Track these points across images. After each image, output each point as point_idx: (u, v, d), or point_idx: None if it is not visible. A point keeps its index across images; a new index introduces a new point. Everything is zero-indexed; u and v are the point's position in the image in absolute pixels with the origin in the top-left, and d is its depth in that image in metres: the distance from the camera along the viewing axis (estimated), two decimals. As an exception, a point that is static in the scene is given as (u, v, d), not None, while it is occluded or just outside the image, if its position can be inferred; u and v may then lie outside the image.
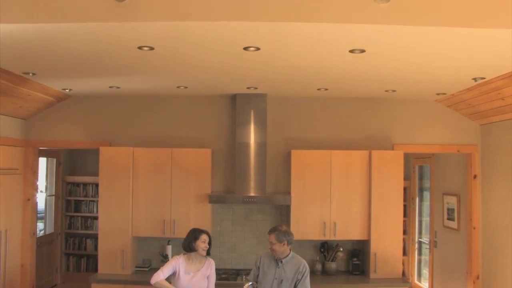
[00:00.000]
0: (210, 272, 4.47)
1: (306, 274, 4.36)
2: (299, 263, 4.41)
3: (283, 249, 4.37)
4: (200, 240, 4.38)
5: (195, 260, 4.44)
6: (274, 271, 4.41)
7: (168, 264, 4.41)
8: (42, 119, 6.30)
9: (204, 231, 4.46)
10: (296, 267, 4.38)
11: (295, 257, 4.48)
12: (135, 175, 5.86)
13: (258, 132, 5.89)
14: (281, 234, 4.34)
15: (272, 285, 4.38)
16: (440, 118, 6.23)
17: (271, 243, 4.35)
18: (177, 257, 4.46)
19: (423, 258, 8.25)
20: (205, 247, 4.40)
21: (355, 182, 5.84)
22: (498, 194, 5.76)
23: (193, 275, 4.38)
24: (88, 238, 8.85)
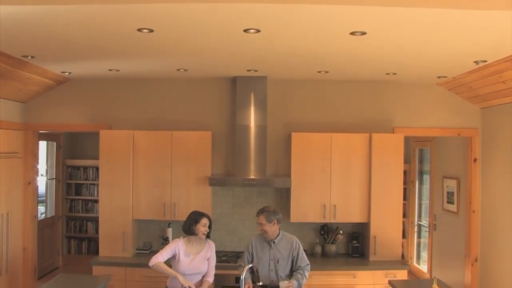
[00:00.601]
0: (210, 254, 4.48)
1: (300, 250, 4.51)
2: (291, 241, 4.53)
3: (273, 229, 4.48)
4: (200, 224, 4.38)
5: (195, 243, 4.45)
6: (268, 253, 4.50)
7: (167, 247, 4.41)
8: (41, 103, 6.29)
9: (204, 215, 4.45)
10: (289, 245, 4.50)
11: (285, 235, 4.59)
12: (135, 158, 5.87)
13: (258, 115, 5.88)
14: (270, 214, 4.45)
15: (269, 267, 4.47)
16: (441, 102, 6.22)
17: (261, 224, 4.46)
18: (177, 240, 4.47)
19: (422, 241, 8.30)
20: (205, 231, 4.40)
21: (355, 165, 5.85)
22: (498, 178, 5.77)
23: (193, 258, 4.39)
24: (89, 221, 8.91)
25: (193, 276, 4.36)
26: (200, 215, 4.42)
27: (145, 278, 5.50)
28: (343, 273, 5.59)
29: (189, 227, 4.40)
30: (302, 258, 4.51)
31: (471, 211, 6.19)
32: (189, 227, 4.40)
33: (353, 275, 5.61)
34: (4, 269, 5.87)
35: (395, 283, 4.55)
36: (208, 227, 4.44)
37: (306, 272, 4.47)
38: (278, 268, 4.47)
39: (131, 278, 5.58)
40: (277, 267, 4.47)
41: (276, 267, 4.47)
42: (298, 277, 4.38)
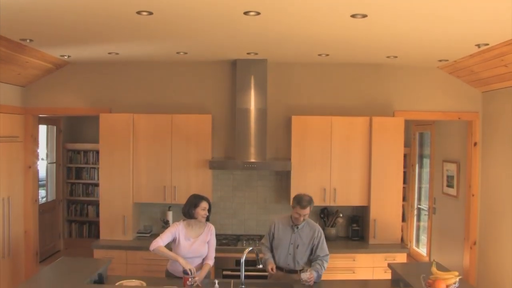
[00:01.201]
0: (210, 237, 4.48)
1: (322, 239, 4.47)
2: (314, 229, 4.50)
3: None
4: (199, 207, 4.37)
5: (195, 226, 4.46)
6: (289, 236, 4.49)
7: (167, 231, 4.41)
8: (41, 87, 6.27)
9: (204, 198, 4.44)
10: (311, 232, 4.47)
11: (309, 222, 4.56)
12: (136, 142, 5.86)
13: (259, 98, 5.86)
14: (311, 202, 4.44)
15: (288, 250, 4.47)
16: (442, 85, 6.20)
17: (305, 215, 4.40)
18: (176, 223, 4.47)
19: (421, 224, 8.34)
20: (204, 215, 4.39)
21: (356, 148, 5.85)
22: (498, 162, 5.77)
23: (193, 241, 4.40)
24: (90, 205, 8.94)
25: (194, 259, 4.37)
26: (199, 199, 4.41)
27: (145, 261, 5.54)
28: (343, 256, 5.63)
29: (189, 210, 4.40)
30: (322, 248, 4.45)
31: (471, 195, 6.20)
32: (189, 211, 4.40)
33: (353, 258, 5.64)
34: (6, 252, 5.90)
35: (394, 266, 4.57)
36: (208, 210, 4.44)
37: (325, 263, 4.42)
38: (296, 253, 4.45)
39: (131, 261, 5.61)
40: (296, 252, 4.45)
41: (295, 252, 4.45)
42: (317, 268, 4.32)
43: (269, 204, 6.26)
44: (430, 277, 3.68)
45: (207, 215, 4.44)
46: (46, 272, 4.22)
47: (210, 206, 4.47)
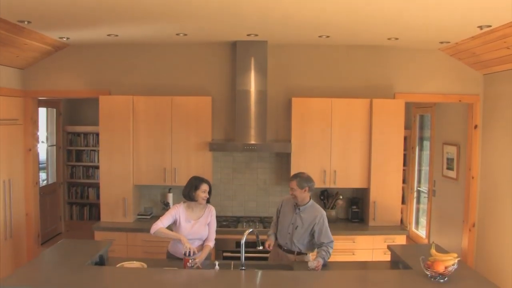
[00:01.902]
0: (210, 219, 4.49)
1: (323, 226, 4.42)
2: (315, 214, 4.45)
3: (303, 195, 4.45)
4: (200, 190, 4.38)
5: (195, 208, 4.46)
6: (291, 216, 4.51)
7: (167, 213, 4.41)
8: (40, 69, 6.24)
9: (204, 180, 4.44)
10: (312, 217, 4.44)
11: (314, 206, 4.54)
12: (135, 124, 5.85)
13: (259, 80, 5.84)
14: (302, 181, 4.41)
15: (288, 229, 4.49)
16: (443, 67, 6.17)
17: (292, 189, 4.43)
18: (177, 205, 4.48)
19: (421, 206, 8.36)
20: (205, 197, 4.40)
21: (356, 130, 5.84)
22: (498, 145, 5.77)
23: (194, 223, 4.41)
24: (90, 187, 8.97)
25: (194, 241, 4.39)
26: (199, 181, 4.41)
27: (146, 243, 5.57)
28: (343, 238, 5.65)
29: (189, 192, 4.40)
30: (325, 235, 4.41)
31: (471, 178, 6.21)
32: (189, 193, 4.40)
33: (353, 240, 5.67)
34: (8, 234, 5.94)
35: (394, 248, 4.59)
36: (208, 192, 4.44)
37: (330, 249, 4.37)
38: (294, 234, 4.45)
39: (132, 243, 5.64)
40: (294, 233, 4.46)
41: (293, 233, 4.46)
42: (323, 255, 4.31)
43: (269, 186, 6.27)
44: (429, 258, 3.70)
45: (208, 198, 4.45)
46: (47, 254, 4.24)
47: (211, 188, 4.48)
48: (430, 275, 3.61)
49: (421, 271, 3.71)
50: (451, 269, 3.56)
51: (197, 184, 4.39)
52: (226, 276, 3.80)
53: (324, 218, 4.47)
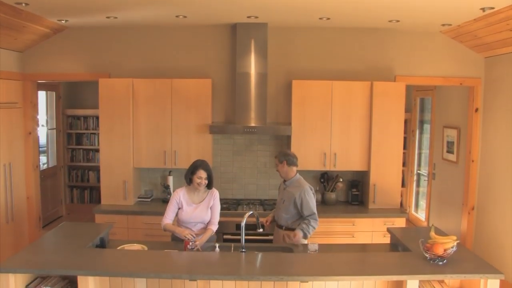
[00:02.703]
0: (213, 202, 4.46)
1: (305, 199, 4.52)
2: (299, 188, 4.60)
3: (285, 170, 4.65)
4: (196, 175, 4.34)
5: (196, 192, 4.44)
6: (282, 192, 4.76)
7: (170, 204, 4.41)
8: (39, 52, 6.20)
9: (202, 166, 4.35)
10: (296, 190, 4.59)
11: (299, 181, 4.68)
12: (135, 107, 5.84)
13: (259, 62, 5.80)
14: (281, 155, 4.67)
15: (279, 205, 4.76)
16: (444, 50, 6.13)
17: (276, 165, 4.72)
18: (178, 190, 4.46)
19: (421, 190, 8.39)
20: (200, 183, 4.33)
21: (356, 113, 5.82)
22: (499, 128, 5.76)
23: (196, 207, 4.41)
24: (91, 171, 8.99)
25: (197, 224, 4.40)
26: (197, 167, 4.36)
27: (146, 226, 5.60)
28: (343, 221, 5.68)
29: (186, 176, 4.42)
30: (306, 207, 4.51)
31: (470, 161, 6.21)
32: (186, 176, 4.42)
33: (352, 223, 5.69)
34: (10, 217, 5.96)
35: (393, 231, 4.60)
36: (208, 178, 4.39)
37: (312, 222, 4.47)
38: (282, 208, 4.66)
39: (133, 226, 5.66)
40: (281, 207, 4.66)
41: (281, 207, 4.68)
42: (302, 227, 4.43)
43: (269, 169, 6.27)
44: (429, 241, 3.71)
45: (206, 183, 4.39)
46: (49, 237, 4.26)
47: (210, 174, 4.41)
48: (429, 258, 3.63)
49: (421, 254, 3.73)
50: (450, 252, 3.58)
51: (194, 169, 4.36)
52: (227, 258, 3.82)
53: (307, 191, 4.57)
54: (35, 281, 3.62)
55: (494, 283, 3.44)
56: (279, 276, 3.37)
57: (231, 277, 3.40)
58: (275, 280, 3.44)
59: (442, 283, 3.67)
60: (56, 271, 3.44)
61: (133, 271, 3.44)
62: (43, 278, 3.65)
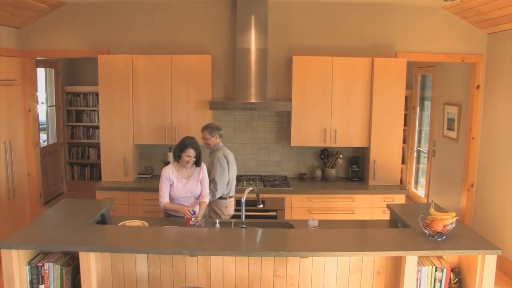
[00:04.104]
0: (202, 176, 4.53)
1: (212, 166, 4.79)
2: (217, 154, 4.85)
3: (215, 142, 4.91)
4: (185, 153, 4.36)
5: (184, 168, 4.48)
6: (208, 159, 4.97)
7: (161, 184, 4.44)
8: (37, 28, 6.14)
9: (191, 145, 4.37)
10: (214, 156, 4.85)
11: (220, 149, 4.91)
12: (135, 83, 5.80)
13: (259, 38, 5.75)
14: (213, 130, 4.88)
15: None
16: (446, 26, 6.07)
17: (205, 138, 4.89)
18: (166, 168, 4.47)
19: (421, 166, 8.40)
20: (188, 161, 4.37)
21: (357, 90, 5.80)
22: (500, 105, 5.74)
23: (186, 182, 4.46)
24: (91, 147, 9.00)
25: (189, 199, 4.48)
26: (186, 145, 4.37)
27: (147, 202, 5.62)
28: (343, 197, 5.70)
29: (175, 153, 4.45)
30: (214, 168, 4.78)
31: (471, 138, 6.21)
32: (175, 154, 4.45)
33: (352, 199, 5.71)
34: (11, 194, 5.99)
35: (393, 207, 4.62)
36: (196, 156, 4.41)
37: (213, 188, 4.74)
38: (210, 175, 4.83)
39: (133, 202, 5.69)
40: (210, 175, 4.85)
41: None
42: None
43: (269, 145, 6.28)
44: (428, 217, 3.72)
45: (195, 161, 4.44)
46: (50, 214, 4.27)
47: (199, 153, 4.44)
48: (429, 234, 3.65)
49: (420, 230, 3.75)
50: (449, 228, 3.60)
51: (183, 147, 4.38)
52: (227, 234, 3.84)
53: (220, 158, 4.79)
54: (37, 257, 3.64)
55: (491, 259, 3.47)
56: (279, 252, 3.40)
57: (232, 253, 3.42)
58: (275, 255, 3.47)
59: (441, 259, 3.70)
60: (58, 247, 3.46)
61: (134, 247, 3.46)
62: (45, 254, 3.68)
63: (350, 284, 3.68)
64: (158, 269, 3.65)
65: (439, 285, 3.60)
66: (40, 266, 3.56)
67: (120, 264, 3.65)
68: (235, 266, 3.64)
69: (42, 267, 3.56)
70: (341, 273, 3.66)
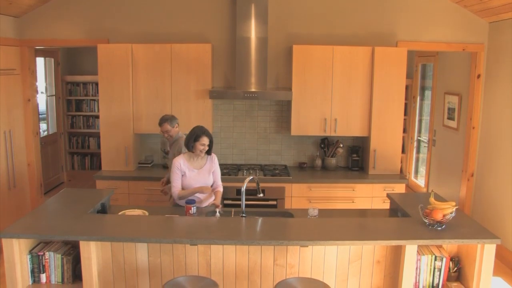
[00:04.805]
0: (214, 167, 4.52)
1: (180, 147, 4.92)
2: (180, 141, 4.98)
3: (176, 131, 5.06)
4: (199, 142, 4.33)
5: (196, 158, 4.46)
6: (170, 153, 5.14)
7: (173, 174, 4.40)
8: (36, 17, 6.10)
9: (205, 133, 4.36)
10: (177, 144, 4.99)
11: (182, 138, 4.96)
12: (135, 72, 5.79)
13: (259, 27, 5.72)
14: (173, 121, 5.03)
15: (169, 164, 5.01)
16: (447, 15, 6.03)
17: (167, 131, 5.02)
18: (177, 159, 4.45)
19: (421, 156, 8.40)
20: (203, 149, 4.35)
21: (357, 79, 5.78)
22: (501, 95, 5.72)
23: (198, 172, 4.43)
24: (91, 137, 9.00)
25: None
26: (200, 133, 4.35)
27: (147, 191, 5.63)
28: (343, 186, 5.71)
29: (188, 142, 4.40)
30: None
31: (471, 127, 6.20)
32: (188, 143, 4.40)
33: (352, 188, 5.72)
34: (11, 184, 5.99)
35: (393, 196, 4.62)
36: (209, 145, 4.40)
37: None
38: None
39: (134, 191, 5.70)
40: None
41: None
42: None
43: (269, 134, 6.28)
44: (428, 207, 3.73)
45: (208, 149, 4.41)
46: (50, 203, 4.27)
47: (212, 141, 4.42)
48: (428, 223, 3.66)
49: (420, 219, 3.76)
50: (449, 217, 3.60)
51: (197, 136, 4.35)
52: (227, 223, 3.85)
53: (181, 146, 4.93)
54: (38, 246, 3.65)
55: (490, 248, 3.48)
56: (279, 241, 3.40)
57: (232, 242, 3.43)
58: (275, 244, 3.48)
59: (440, 248, 3.71)
60: (58, 236, 3.47)
61: (134, 236, 3.47)
62: (46, 244, 3.69)
63: (349, 273, 3.69)
64: (158, 258, 3.67)
65: (439, 274, 3.61)
66: (41, 255, 3.57)
67: (121, 253, 3.67)
68: (235, 255, 3.65)
69: (43, 256, 3.58)
70: (341, 262, 3.68)
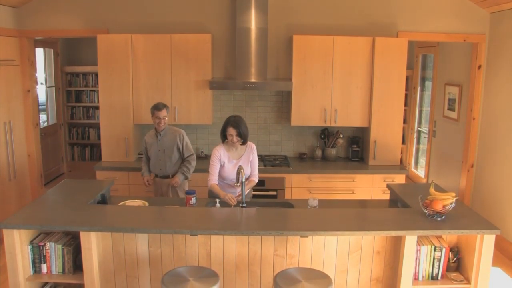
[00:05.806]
0: (252, 156, 4.51)
1: (185, 141, 5.00)
2: (177, 133, 4.99)
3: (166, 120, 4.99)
4: (227, 132, 4.33)
5: (234, 148, 4.45)
6: (156, 144, 5.01)
7: (212, 163, 4.38)
8: (35, 7, 6.07)
9: (230, 124, 4.30)
10: (173, 136, 4.97)
11: (171, 128, 5.05)
12: (135, 63, 5.77)
13: (259, 17, 5.69)
14: (167, 108, 4.95)
15: (157, 157, 5.01)
16: (449, 5, 6.00)
17: (164, 118, 4.90)
18: (217, 148, 4.43)
19: (421, 147, 8.40)
20: (231, 140, 4.32)
21: (357, 69, 5.76)
22: (501, 86, 5.71)
23: (236, 163, 4.42)
24: (91, 128, 8.99)
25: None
26: (226, 124, 4.35)
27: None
28: (343, 177, 5.71)
29: (221, 133, 4.43)
30: (187, 148, 5.00)
31: (471, 118, 6.19)
32: (221, 133, 4.44)
33: (353, 179, 5.72)
34: (12, 175, 6.00)
35: (393, 187, 4.62)
36: (239, 134, 4.31)
37: (192, 162, 5.00)
38: (165, 157, 4.99)
39: (134, 182, 5.70)
40: (164, 156, 4.99)
41: (163, 157, 4.99)
42: (184, 170, 4.96)
43: (269, 125, 6.27)
44: (428, 197, 3.73)
45: (239, 139, 4.35)
46: (51, 194, 4.28)
47: (240, 132, 4.31)
48: (428, 214, 3.66)
49: (420, 210, 3.77)
50: (448, 208, 3.61)
51: (224, 126, 4.37)
52: (227, 213, 3.85)
53: (184, 133, 5.01)
54: (39, 237, 3.66)
55: (490, 239, 3.49)
56: (279, 231, 3.41)
57: (232, 232, 3.43)
58: (275, 235, 3.48)
59: (440, 238, 3.71)
60: (59, 227, 3.48)
61: (134, 227, 3.48)
62: (46, 234, 3.70)
63: (349, 263, 3.70)
64: (158, 248, 3.68)
65: (438, 264, 3.62)
66: (42, 245, 3.58)
67: (121, 243, 3.67)
68: (235, 246, 3.66)
69: (44, 246, 3.58)
70: (340, 252, 3.69)
